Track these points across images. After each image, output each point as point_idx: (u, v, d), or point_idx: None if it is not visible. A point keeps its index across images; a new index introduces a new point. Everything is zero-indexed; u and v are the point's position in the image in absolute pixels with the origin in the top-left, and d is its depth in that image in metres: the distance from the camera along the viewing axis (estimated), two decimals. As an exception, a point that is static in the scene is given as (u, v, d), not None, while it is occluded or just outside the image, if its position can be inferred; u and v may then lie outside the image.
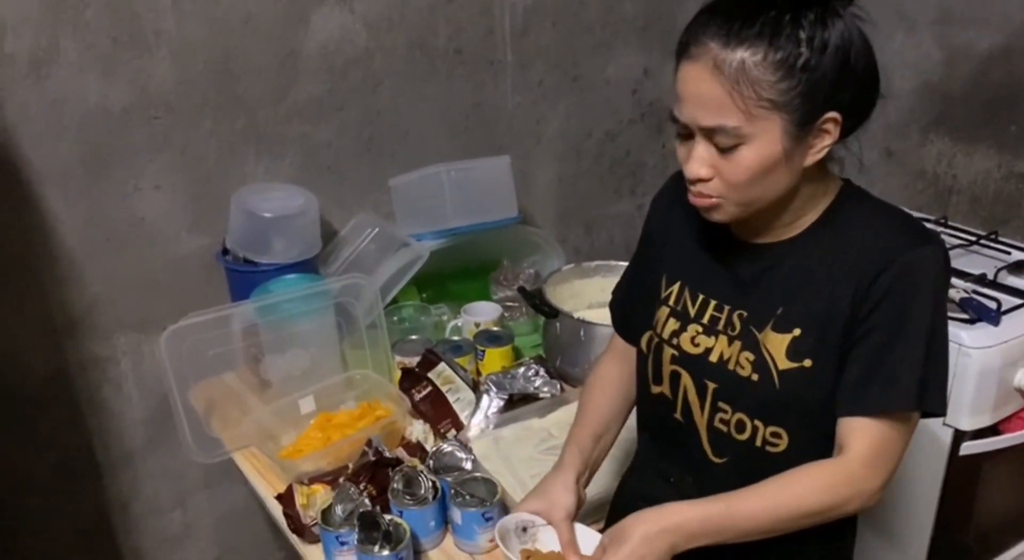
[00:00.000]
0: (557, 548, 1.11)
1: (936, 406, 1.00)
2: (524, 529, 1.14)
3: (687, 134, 1.00)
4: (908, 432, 1.01)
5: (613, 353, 1.31)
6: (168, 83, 1.63)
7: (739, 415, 1.08)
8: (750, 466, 1.07)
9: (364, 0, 1.76)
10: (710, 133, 0.96)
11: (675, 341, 1.14)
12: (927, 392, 0.98)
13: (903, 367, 0.97)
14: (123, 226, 1.67)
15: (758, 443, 1.07)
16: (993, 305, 1.60)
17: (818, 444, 1.05)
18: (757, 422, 1.07)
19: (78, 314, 1.68)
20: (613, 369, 1.29)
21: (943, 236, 1.89)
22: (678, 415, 1.15)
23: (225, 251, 1.71)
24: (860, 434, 0.99)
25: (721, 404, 1.10)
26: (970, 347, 1.54)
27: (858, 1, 0.96)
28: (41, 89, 1.52)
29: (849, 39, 0.93)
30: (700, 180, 1.00)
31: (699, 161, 0.99)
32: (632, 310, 1.26)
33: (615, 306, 1.32)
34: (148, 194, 1.67)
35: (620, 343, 1.29)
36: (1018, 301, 1.64)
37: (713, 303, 1.11)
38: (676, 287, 1.16)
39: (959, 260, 1.83)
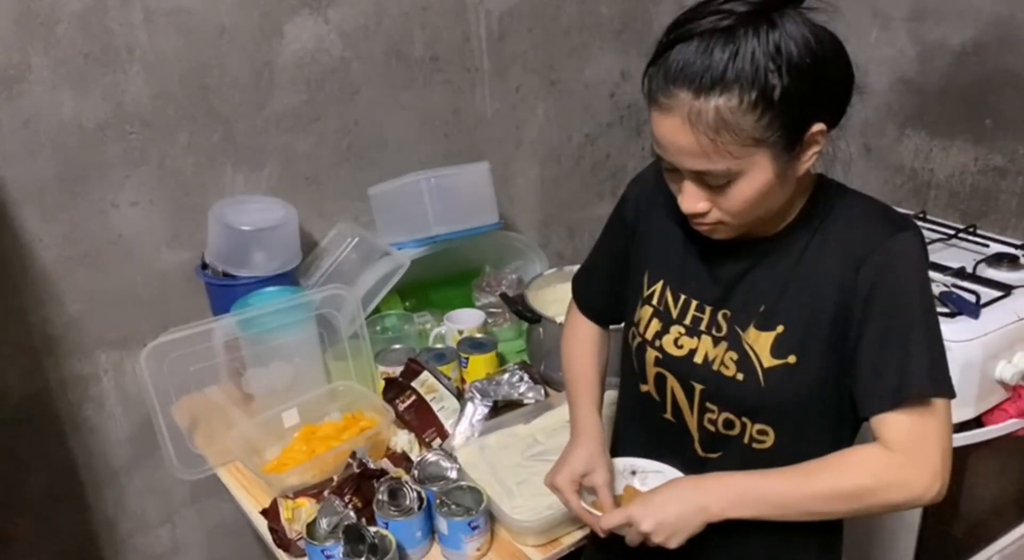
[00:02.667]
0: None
1: (947, 389, 0.98)
2: (633, 473, 1.16)
3: (674, 169, 0.98)
4: (941, 421, 0.98)
5: (576, 315, 1.33)
6: (143, 97, 1.62)
7: (726, 414, 1.09)
8: (741, 462, 1.07)
9: (339, 9, 1.76)
10: (699, 175, 0.95)
11: (658, 343, 1.14)
12: (938, 375, 0.98)
13: (910, 354, 0.97)
14: (101, 242, 1.66)
15: (746, 440, 1.08)
16: (973, 298, 1.61)
17: (804, 441, 1.05)
18: (744, 419, 1.08)
19: (58, 332, 1.67)
20: (586, 327, 1.32)
21: (923, 230, 1.92)
22: (668, 415, 1.16)
23: (204, 265, 1.71)
24: (891, 426, 0.98)
25: (709, 404, 1.10)
26: (951, 341, 1.54)
27: None
28: (13, 107, 1.51)
29: (817, 47, 0.90)
30: (698, 214, 0.99)
31: (693, 197, 0.98)
32: (598, 290, 1.30)
33: (580, 283, 1.34)
34: (126, 210, 1.66)
35: (577, 311, 1.34)
36: (997, 294, 1.65)
37: (695, 303, 1.11)
38: (659, 286, 1.16)
39: (938, 254, 1.84)
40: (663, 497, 1.03)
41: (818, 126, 0.93)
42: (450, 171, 1.84)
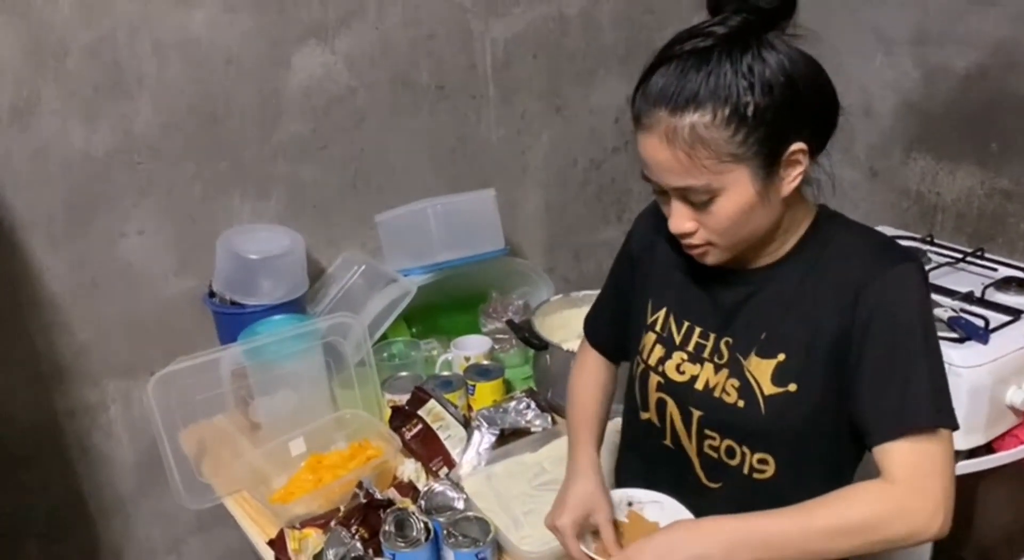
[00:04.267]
0: (663, 522, 1.09)
1: (949, 420, 0.97)
2: (629, 504, 1.14)
3: (662, 190, 1.01)
4: (943, 451, 0.96)
5: (587, 353, 1.33)
6: (151, 127, 1.63)
7: (728, 442, 1.08)
8: (744, 493, 1.07)
9: (345, 39, 1.77)
10: (682, 192, 0.98)
11: (661, 368, 1.14)
12: (939, 406, 0.97)
13: (910, 384, 0.96)
14: (109, 271, 1.67)
15: (746, 470, 1.08)
16: (981, 323, 1.60)
17: (805, 471, 1.05)
18: (745, 448, 1.07)
19: (66, 361, 1.67)
20: (594, 362, 1.31)
21: (929, 254, 1.92)
22: (668, 442, 1.16)
23: (212, 293, 1.71)
24: (894, 457, 0.96)
25: (708, 431, 1.10)
26: (960, 366, 1.53)
27: (795, 19, 0.96)
28: (24, 138, 1.53)
29: (792, 68, 0.93)
30: (686, 233, 1.01)
31: (680, 217, 1.00)
32: (607, 324, 1.29)
33: (591, 317, 1.35)
34: (133, 238, 1.67)
35: (588, 347, 1.33)
36: (1006, 318, 1.64)
37: (698, 330, 1.12)
38: (662, 313, 1.16)
39: (946, 278, 1.83)
40: (663, 547, 0.97)
41: (797, 145, 0.95)
42: (456, 198, 1.85)
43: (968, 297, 1.73)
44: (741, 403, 1.05)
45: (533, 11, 1.99)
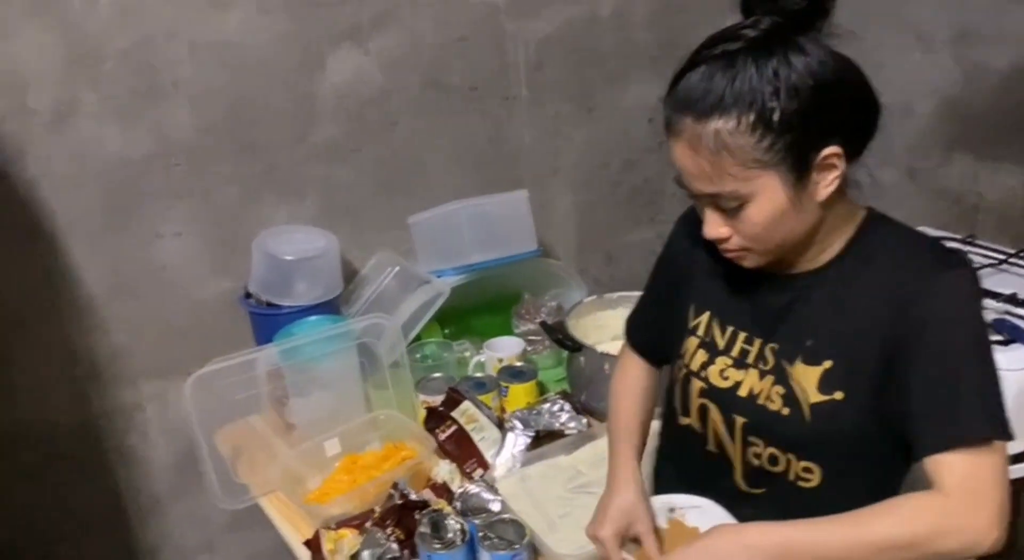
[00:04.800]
0: (703, 527, 1.07)
1: (1003, 431, 0.93)
2: (671, 510, 1.13)
3: (696, 195, 1.00)
4: (998, 463, 0.92)
5: (628, 358, 1.31)
6: (187, 130, 1.64)
7: (771, 449, 1.06)
8: (786, 501, 1.05)
9: (379, 41, 1.78)
10: (713, 199, 0.97)
11: (703, 373, 1.13)
12: (992, 417, 0.93)
13: (961, 394, 0.92)
14: (146, 273, 1.68)
15: (791, 478, 1.06)
16: (1026, 325, 1.57)
17: (852, 480, 1.02)
18: (790, 456, 1.05)
19: (103, 362, 1.69)
20: (635, 368, 1.30)
21: (971, 255, 1.88)
22: (711, 447, 1.13)
23: (247, 295, 1.72)
24: (946, 469, 0.91)
25: (751, 438, 1.08)
26: (1005, 369, 1.46)
27: (832, 19, 0.94)
28: (63, 141, 1.54)
29: (822, 71, 0.91)
30: (720, 239, 1.01)
31: (713, 224, 1.00)
32: (649, 327, 1.28)
33: (632, 321, 1.33)
34: (170, 241, 1.69)
35: (629, 351, 1.31)
36: (1052, 320, 1.60)
37: (743, 335, 1.10)
38: (704, 318, 1.15)
39: (989, 280, 1.79)
40: (703, 556, 0.95)
41: (830, 149, 0.93)
42: (489, 199, 1.84)
43: (1012, 299, 1.69)
44: (786, 411, 1.03)
45: (566, 12, 1.99)
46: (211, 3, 1.60)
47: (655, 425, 1.28)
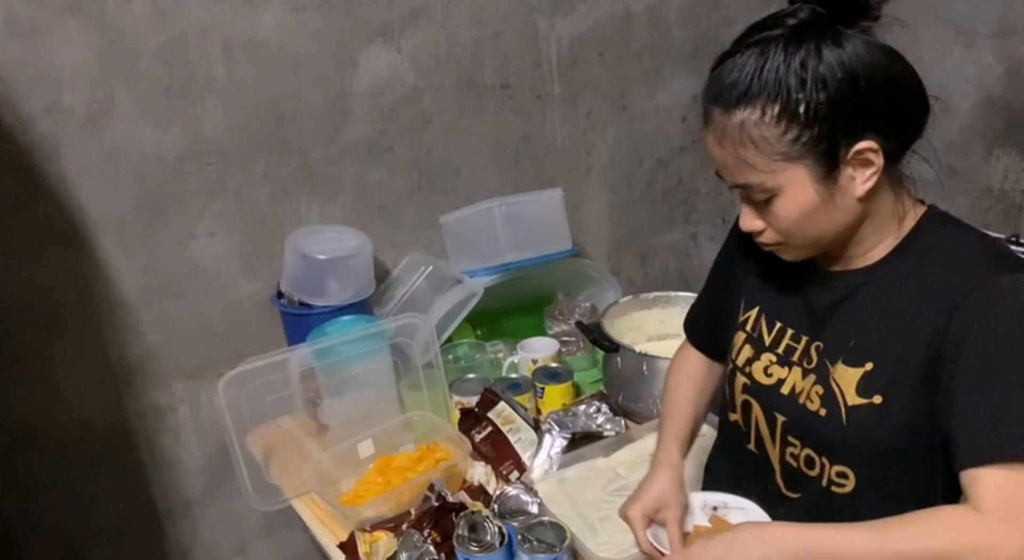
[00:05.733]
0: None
1: None
2: (715, 509, 1.11)
3: (731, 187, 1.00)
4: None
5: (687, 347, 1.30)
6: (220, 129, 1.64)
7: (807, 451, 1.04)
8: (822, 506, 1.02)
9: (411, 39, 1.76)
10: (743, 191, 0.96)
11: (748, 369, 1.11)
12: None
13: (1006, 407, 0.87)
14: (179, 273, 1.67)
15: (824, 483, 1.03)
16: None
17: (889, 490, 0.98)
18: (824, 459, 1.02)
19: (135, 362, 1.68)
20: (692, 359, 1.28)
21: (1018, 255, 1.83)
22: (751, 446, 1.12)
23: (280, 295, 1.71)
24: (985, 484, 0.86)
25: (790, 438, 1.06)
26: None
27: (884, 11, 0.91)
28: (98, 140, 1.54)
29: (856, 64, 0.88)
30: (755, 232, 1.00)
31: (747, 216, 0.99)
32: (706, 321, 1.27)
33: (690, 314, 1.31)
34: (203, 240, 1.68)
35: (687, 343, 1.31)
36: (1105, 321, 1.55)
37: (790, 332, 1.07)
38: (754, 313, 1.13)
39: (1036, 279, 1.75)
40: (723, 548, 0.93)
41: (865, 144, 0.90)
42: (522, 198, 1.83)
43: (1062, 298, 1.64)
44: (823, 412, 1.01)
45: (599, 9, 1.96)
46: (244, 1, 1.59)
47: (713, 418, 1.26)
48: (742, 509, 1.09)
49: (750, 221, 0.99)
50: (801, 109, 0.88)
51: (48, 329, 1.59)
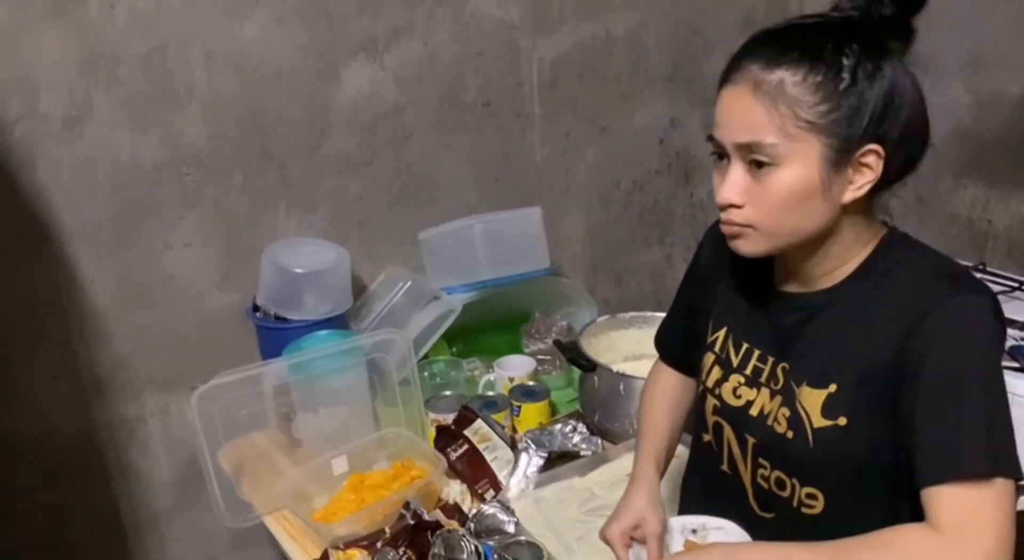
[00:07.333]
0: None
1: (1008, 468, 0.88)
2: (693, 531, 1.10)
3: (722, 153, 0.97)
4: (1000, 502, 0.87)
5: (660, 365, 1.31)
6: (199, 139, 1.62)
7: (777, 473, 1.05)
8: (794, 527, 1.02)
9: (394, 55, 1.76)
10: (746, 151, 0.93)
11: (717, 391, 1.11)
12: (996, 451, 0.88)
13: (963, 426, 0.88)
14: (153, 283, 1.65)
15: (795, 504, 1.03)
16: (1043, 353, 1.56)
17: (858, 510, 0.99)
18: (794, 481, 1.03)
19: (106, 373, 1.65)
20: (666, 376, 1.29)
21: (975, 276, 1.86)
22: (724, 467, 1.12)
23: (256, 307, 1.69)
24: (941, 502, 0.88)
25: (761, 460, 1.06)
26: (1021, 396, 1.49)
27: (911, 54, 0.94)
28: (74, 147, 1.52)
29: (895, 75, 0.91)
30: (732, 206, 0.96)
31: (732, 186, 0.95)
32: (677, 337, 1.27)
33: (660, 332, 1.32)
34: (179, 250, 1.66)
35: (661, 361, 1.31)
36: (1068, 348, 1.59)
37: (757, 353, 1.08)
38: (722, 334, 1.13)
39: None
40: None
41: (874, 146, 0.91)
42: (502, 215, 1.83)
43: (1026, 326, 1.68)
44: (790, 434, 1.01)
45: (580, 31, 1.98)
46: (227, 12, 1.58)
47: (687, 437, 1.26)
48: (721, 529, 1.10)
49: (732, 193, 0.95)
50: (841, 86, 0.89)
51: (17, 337, 1.56)
